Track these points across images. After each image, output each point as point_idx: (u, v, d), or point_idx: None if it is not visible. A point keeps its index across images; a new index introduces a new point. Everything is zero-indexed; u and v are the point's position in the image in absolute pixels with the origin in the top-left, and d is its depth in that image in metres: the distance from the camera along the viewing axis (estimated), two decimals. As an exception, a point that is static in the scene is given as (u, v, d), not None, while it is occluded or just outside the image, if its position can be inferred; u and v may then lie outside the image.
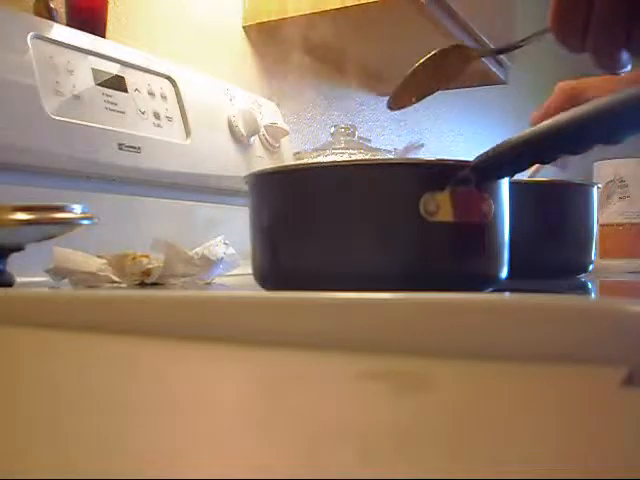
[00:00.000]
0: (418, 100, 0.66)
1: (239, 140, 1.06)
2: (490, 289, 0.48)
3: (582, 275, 0.76)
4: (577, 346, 0.22)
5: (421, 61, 0.65)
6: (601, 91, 0.64)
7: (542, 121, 0.42)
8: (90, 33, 0.87)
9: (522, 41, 0.63)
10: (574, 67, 1.14)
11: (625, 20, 0.52)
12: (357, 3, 1.24)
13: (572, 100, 0.67)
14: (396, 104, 0.67)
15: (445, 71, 0.65)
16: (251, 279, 0.51)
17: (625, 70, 0.56)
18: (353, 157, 1.13)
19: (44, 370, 0.25)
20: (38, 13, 0.86)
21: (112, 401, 0.20)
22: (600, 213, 0.78)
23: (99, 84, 0.85)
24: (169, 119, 0.94)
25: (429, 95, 0.66)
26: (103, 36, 0.91)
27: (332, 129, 1.25)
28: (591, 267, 0.76)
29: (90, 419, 0.18)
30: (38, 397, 0.21)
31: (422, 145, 1.32)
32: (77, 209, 0.55)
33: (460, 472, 0.13)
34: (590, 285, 0.74)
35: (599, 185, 0.77)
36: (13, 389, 0.22)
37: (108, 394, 0.21)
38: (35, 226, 0.53)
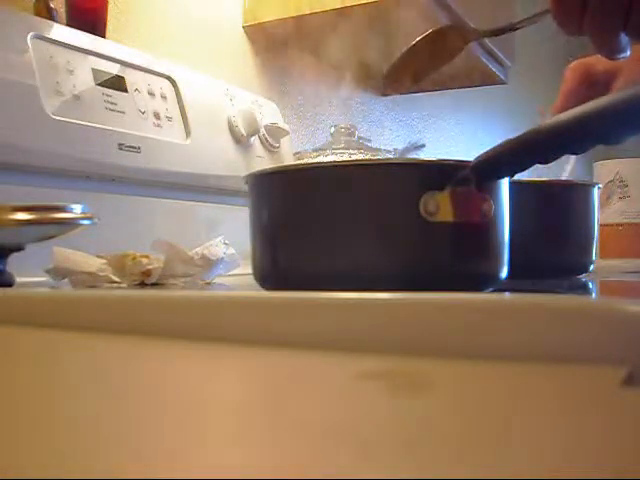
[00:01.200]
0: (414, 84, 0.65)
1: (239, 140, 1.06)
2: (490, 289, 0.48)
3: (582, 275, 0.76)
4: (577, 346, 0.22)
5: (414, 42, 0.64)
6: (610, 63, 0.62)
7: (564, 109, 0.41)
8: (90, 33, 0.87)
9: (520, 22, 0.62)
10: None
11: (623, 3, 0.51)
12: (357, 3, 1.24)
13: (585, 76, 0.65)
14: (391, 88, 0.66)
15: (439, 53, 0.63)
16: (251, 279, 0.51)
17: (624, 55, 0.55)
18: (353, 157, 1.13)
19: (44, 370, 0.25)
20: (38, 13, 0.86)
21: (112, 401, 0.20)
22: (600, 213, 0.78)
23: (99, 84, 0.85)
24: (169, 119, 0.94)
25: (424, 78, 0.65)
26: (103, 36, 0.91)
27: (332, 129, 1.25)
28: (591, 267, 0.76)
29: (90, 419, 0.18)
30: (38, 397, 0.21)
31: (423, 145, 1.32)
32: (77, 209, 0.55)
33: (460, 472, 0.13)
34: (590, 285, 0.74)
35: (599, 185, 0.77)
36: (13, 389, 0.22)
37: (108, 394, 0.21)
38: (35, 226, 0.53)
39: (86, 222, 0.55)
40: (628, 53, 0.55)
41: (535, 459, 0.14)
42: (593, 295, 0.67)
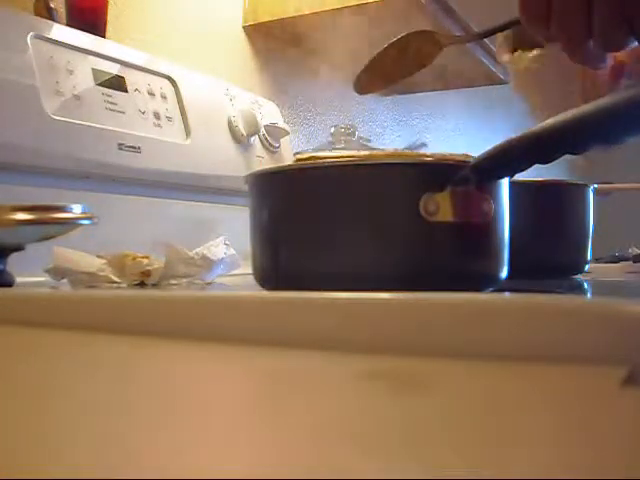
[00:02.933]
0: (387, 86, 0.66)
1: (239, 140, 1.06)
2: (490, 289, 0.48)
3: (578, 275, 0.76)
4: (577, 346, 0.22)
5: (385, 46, 0.64)
6: None
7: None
8: (90, 33, 0.87)
9: (495, 29, 0.62)
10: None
11: (583, 9, 0.50)
12: (357, 3, 1.24)
13: None
14: (363, 89, 0.66)
15: (413, 57, 0.64)
16: (251, 279, 0.51)
17: (602, 65, 0.54)
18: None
19: (44, 370, 0.25)
20: (38, 13, 0.86)
21: (112, 401, 0.20)
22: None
23: (99, 84, 0.85)
24: (169, 119, 0.94)
25: (395, 83, 0.65)
26: (103, 36, 0.91)
27: (332, 129, 1.25)
28: (587, 267, 0.76)
29: (90, 419, 0.18)
30: (37, 397, 0.21)
31: (423, 145, 1.32)
32: (77, 209, 0.55)
33: (459, 472, 0.13)
34: (589, 285, 0.74)
35: (595, 185, 0.77)
36: (13, 389, 0.22)
37: (108, 394, 0.21)
38: (35, 226, 0.53)
39: (86, 222, 0.55)
40: (606, 63, 0.54)
41: (535, 459, 0.14)
42: (593, 295, 0.67)
